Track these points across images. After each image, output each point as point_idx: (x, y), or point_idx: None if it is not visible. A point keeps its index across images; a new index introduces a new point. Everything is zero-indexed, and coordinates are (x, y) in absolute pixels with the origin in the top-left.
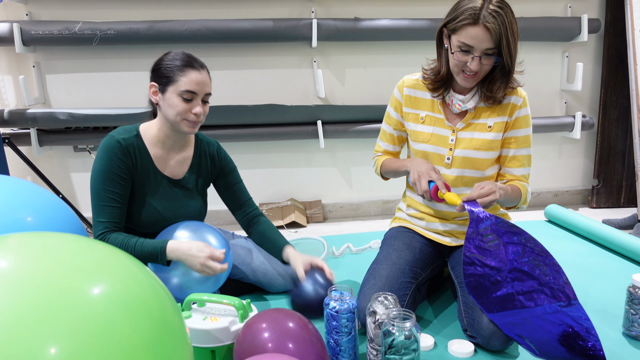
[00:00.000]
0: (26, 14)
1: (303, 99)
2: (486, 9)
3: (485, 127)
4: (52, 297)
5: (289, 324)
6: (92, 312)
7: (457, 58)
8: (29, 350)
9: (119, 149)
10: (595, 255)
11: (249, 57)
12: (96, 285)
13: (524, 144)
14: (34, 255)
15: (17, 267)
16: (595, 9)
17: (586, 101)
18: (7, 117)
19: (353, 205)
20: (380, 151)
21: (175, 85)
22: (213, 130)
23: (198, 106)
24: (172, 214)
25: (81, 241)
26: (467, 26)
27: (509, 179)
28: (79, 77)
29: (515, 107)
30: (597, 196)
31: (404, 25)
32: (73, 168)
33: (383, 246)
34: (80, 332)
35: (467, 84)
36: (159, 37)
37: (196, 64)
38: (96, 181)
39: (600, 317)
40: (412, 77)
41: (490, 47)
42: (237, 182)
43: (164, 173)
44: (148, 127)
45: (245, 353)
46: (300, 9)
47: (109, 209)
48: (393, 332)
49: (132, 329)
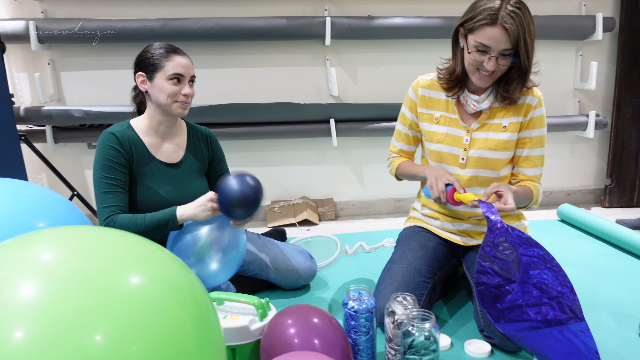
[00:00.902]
0: (41, 11)
1: (316, 97)
2: (504, 10)
3: (500, 128)
4: (95, 287)
5: (314, 320)
6: (134, 300)
7: (474, 58)
8: (78, 341)
9: (114, 140)
10: (608, 256)
11: (262, 55)
12: (134, 274)
13: (537, 144)
14: (71, 248)
15: (59, 260)
16: (610, 8)
17: (600, 100)
18: (23, 115)
19: (365, 203)
20: (395, 152)
21: (163, 71)
22: (227, 127)
23: (186, 87)
24: (176, 197)
25: (112, 233)
26: (485, 26)
27: (521, 178)
28: (93, 74)
29: (530, 107)
30: (610, 196)
31: (417, 24)
32: (87, 164)
33: (398, 246)
34: (124, 320)
35: (483, 83)
36: (173, 35)
37: (179, 50)
38: (96, 172)
39: (615, 317)
40: (427, 77)
41: (507, 48)
42: (225, 172)
43: (159, 158)
44: (138, 120)
45: (273, 349)
46: (314, 6)
47: (111, 194)
48: (413, 332)
49: (173, 314)
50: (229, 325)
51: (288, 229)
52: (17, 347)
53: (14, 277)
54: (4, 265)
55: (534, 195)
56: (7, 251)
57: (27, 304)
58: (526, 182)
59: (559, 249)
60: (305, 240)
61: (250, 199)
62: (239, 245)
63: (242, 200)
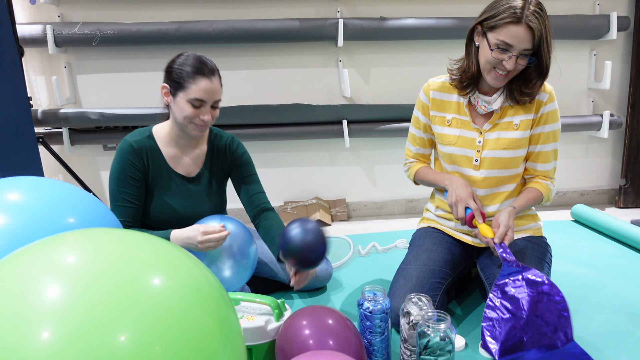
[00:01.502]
0: (58, 15)
1: (328, 98)
2: (528, 9)
3: (512, 126)
4: (119, 288)
5: (329, 320)
6: (157, 301)
7: (495, 56)
8: (103, 341)
9: (131, 152)
10: (623, 257)
11: (275, 57)
12: (157, 276)
13: (551, 140)
14: (96, 250)
15: (84, 262)
16: (625, 7)
17: (614, 100)
18: (41, 117)
19: (377, 204)
20: (412, 156)
21: (186, 92)
22: (240, 129)
23: (206, 113)
24: (188, 211)
25: (135, 235)
26: (509, 24)
27: (533, 174)
28: (108, 77)
29: (542, 104)
30: (625, 196)
31: (430, 24)
32: (102, 166)
33: (412, 246)
34: (148, 320)
35: (497, 83)
36: (188, 38)
37: (207, 71)
38: (112, 182)
39: (628, 318)
40: (438, 79)
41: (528, 48)
42: (250, 175)
43: (177, 171)
44: (161, 127)
45: (288, 349)
46: (326, 8)
47: (122, 208)
48: (428, 333)
49: (195, 315)
50: (246, 326)
51: None
52: (44, 347)
53: (41, 279)
54: (30, 267)
55: (545, 195)
56: (33, 254)
57: (53, 305)
58: (537, 180)
59: (573, 250)
60: None
61: (310, 256)
62: (250, 253)
63: (301, 255)
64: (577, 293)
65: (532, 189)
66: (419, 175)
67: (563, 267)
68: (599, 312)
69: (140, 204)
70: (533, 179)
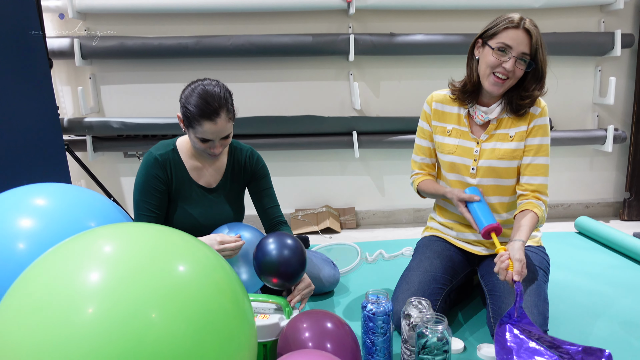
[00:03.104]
0: (85, 29)
1: (339, 110)
2: (525, 19)
3: (507, 137)
4: (151, 273)
5: (328, 324)
6: (182, 286)
7: (495, 57)
8: (138, 317)
9: (156, 165)
10: (624, 268)
11: (289, 70)
12: (182, 263)
13: (540, 153)
14: (129, 241)
15: (119, 251)
16: (629, 24)
17: (619, 115)
18: (67, 125)
19: (385, 212)
20: (417, 168)
21: (194, 130)
22: (254, 139)
23: (215, 147)
24: (208, 220)
25: (160, 229)
26: (508, 29)
27: (526, 188)
28: (130, 87)
29: (534, 116)
30: (629, 209)
31: (437, 40)
32: (123, 172)
33: (415, 254)
34: (174, 302)
35: (495, 88)
36: (206, 52)
37: (211, 113)
38: (136, 193)
39: (626, 328)
40: (441, 92)
41: (526, 52)
42: (267, 188)
43: (199, 182)
44: (185, 140)
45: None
46: (339, 24)
47: (146, 217)
48: (426, 334)
49: (215, 297)
50: (261, 323)
51: (311, 236)
52: (87, 323)
53: (84, 265)
54: (73, 257)
55: (539, 218)
56: (73, 246)
57: (95, 286)
58: (531, 201)
59: (575, 261)
60: (327, 248)
61: (287, 271)
62: None
63: (278, 271)
64: (577, 302)
65: (531, 217)
66: (422, 187)
67: (564, 277)
68: (597, 321)
69: (162, 213)
70: (526, 200)
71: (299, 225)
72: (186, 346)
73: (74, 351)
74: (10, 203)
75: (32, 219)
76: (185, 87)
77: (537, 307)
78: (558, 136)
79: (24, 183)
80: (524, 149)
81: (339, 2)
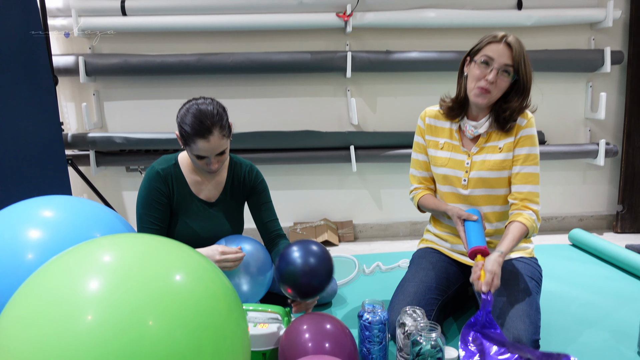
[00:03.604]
0: (89, 47)
1: (337, 126)
2: (507, 36)
3: (496, 149)
4: (148, 281)
5: (327, 325)
6: (179, 294)
7: (479, 70)
8: (134, 324)
9: (158, 179)
10: (617, 280)
11: (288, 86)
12: (178, 272)
13: (528, 162)
14: (128, 251)
15: (118, 260)
16: (618, 42)
17: (610, 129)
18: (70, 141)
19: (382, 225)
20: (416, 181)
21: (190, 148)
22: (254, 154)
23: (212, 163)
24: (208, 233)
25: (159, 239)
26: (491, 43)
27: (516, 197)
28: (133, 104)
29: (520, 127)
30: (622, 221)
31: (432, 58)
32: (125, 187)
33: (411, 265)
34: (171, 310)
35: (480, 99)
36: (207, 69)
37: (204, 131)
38: (139, 206)
39: (616, 337)
40: (434, 108)
41: (508, 64)
42: (266, 202)
43: (199, 197)
44: (186, 155)
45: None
46: (336, 42)
47: (149, 230)
48: (421, 341)
49: (210, 306)
50: (260, 332)
51: None
52: (86, 329)
53: (83, 274)
54: (73, 265)
55: (529, 228)
56: (75, 255)
57: (94, 294)
58: (520, 212)
59: (569, 272)
60: None
61: (310, 283)
62: (266, 272)
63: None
64: (570, 312)
65: (516, 227)
66: (423, 202)
67: (558, 288)
68: (590, 331)
69: (165, 226)
70: (516, 210)
71: (298, 238)
72: (182, 350)
73: (74, 356)
74: (20, 215)
75: (40, 229)
76: (181, 107)
77: (529, 317)
78: (551, 150)
79: (26, 197)
80: (512, 159)
81: (336, 20)
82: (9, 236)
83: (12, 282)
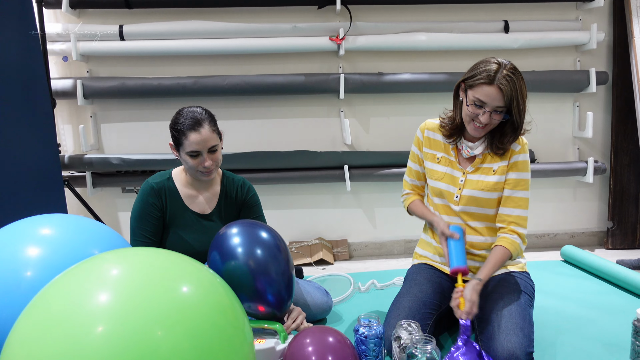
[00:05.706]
0: (87, 71)
1: (331, 146)
2: (501, 73)
3: (491, 171)
4: (154, 295)
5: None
6: (185, 306)
7: (471, 110)
8: (143, 334)
9: (152, 193)
10: (607, 294)
11: (282, 108)
12: (186, 285)
13: (518, 187)
14: (135, 265)
15: (125, 274)
16: (603, 63)
17: (598, 147)
18: (67, 162)
19: (377, 244)
20: (409, 188)
21: (183, 148)
22: (250, 174)
23: (206, 160)
24: (202, 246)
25: (165, 253)
26: (483, 85)
27: (504, 219)
28: (130, 125)
29: (514, 153)
30: (613, 238)
31: (423, 79)
32: (120, 207)
33: (406, 281)
34: (178, 321)
35: (477, 133)
36: (203, 91)
37: (194, 124)
38: (132, 220)
39: (609, 349)
40: (434, 121)
41: (500, 106)
42: (258, 216)
43: (193, 210)
44: (180, 170)
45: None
46: (329, 64)
47: (141, 243)
48: (416, 354)
49: (215, 319)
50: (259, 347)
51: (305, 267)
52: (97, 341)
53: (92, 288)
54: (82, 280)
55: (512, 252)
56: (82, 270)
57: (103, 307)
58: (505, 236)
59: (561, 287)
60: (321, 279)
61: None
62: None
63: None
64: (563, 326)
65: (499, 252)
66: (412, 207)
67: (550, 303)
68: (581, 342)
69: (157, 239)
70: (502, 234)
71: (293, 257)
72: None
73: None
74: (19, 233)
75: (39, 247)
76: (172, 118)
77: (522, 330)
78: (542, 168)
79: (23, 217)
80: (504, 182)
81: (329, 44)
82: (8, 254)
83: (12, 299)
